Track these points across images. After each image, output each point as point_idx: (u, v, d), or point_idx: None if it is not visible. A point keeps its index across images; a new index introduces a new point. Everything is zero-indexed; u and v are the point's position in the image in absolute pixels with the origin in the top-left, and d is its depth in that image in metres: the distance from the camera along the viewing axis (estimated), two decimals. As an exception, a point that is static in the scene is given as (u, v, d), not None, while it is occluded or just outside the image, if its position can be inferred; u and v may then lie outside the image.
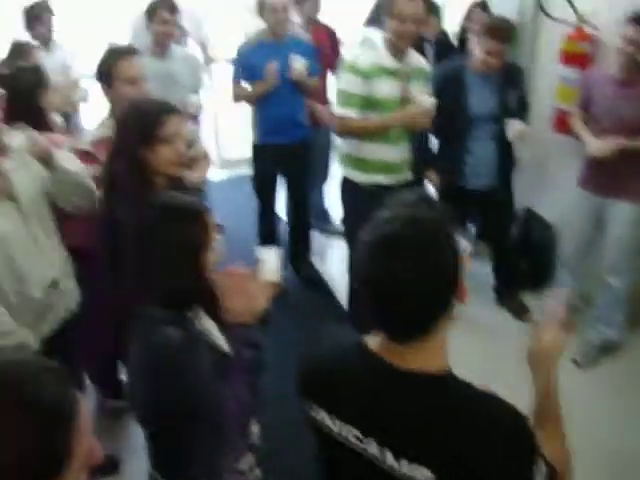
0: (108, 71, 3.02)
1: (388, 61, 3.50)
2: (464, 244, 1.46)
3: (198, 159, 3.36)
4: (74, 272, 2.90)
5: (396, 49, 3.49)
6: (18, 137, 2.59)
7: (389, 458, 1.40)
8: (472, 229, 4.99)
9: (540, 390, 1.63)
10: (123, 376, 3.70)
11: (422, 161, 4.10)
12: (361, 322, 1.52)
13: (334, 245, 5.33)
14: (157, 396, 1.77)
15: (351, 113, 3.54)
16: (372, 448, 1.43)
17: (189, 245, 1.89)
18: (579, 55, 4.00)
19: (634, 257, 3.85)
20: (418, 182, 4.11)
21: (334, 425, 1.49)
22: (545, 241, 4.57)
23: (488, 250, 4.58)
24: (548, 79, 4.34)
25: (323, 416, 1.52)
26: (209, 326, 2.01)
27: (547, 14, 4.29)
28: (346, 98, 3.54)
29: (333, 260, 5.19)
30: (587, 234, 3.98)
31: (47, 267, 2.70)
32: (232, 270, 2.06)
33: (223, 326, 2.05)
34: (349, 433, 1.46)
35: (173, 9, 4.09)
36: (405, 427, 1.39)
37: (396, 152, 3.68)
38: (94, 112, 4.30)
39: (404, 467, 1.38)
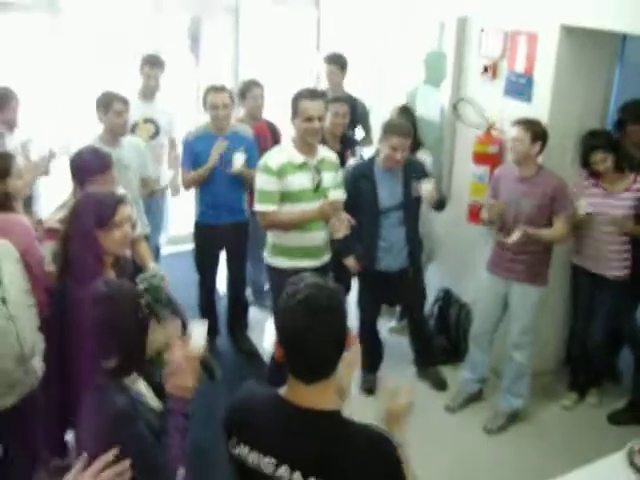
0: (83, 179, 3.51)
1: (296, 157, 3.97)
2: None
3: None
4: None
5: (303, 145, 3.96)
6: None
7: (297, 479, 1.80)
8: (397, 309, 5.43)
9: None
10: (69, 437, 3.95)
11: (341, 249, 4.49)
12: (275, 383, 1.99)
13: (270, 320, 5.67)
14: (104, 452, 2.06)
15: (270, 208, 3.99)
16: (284, 472, 1.82)
17: (134, 325, 2.29)
18: (488, 156, 4.56)
19: (534, 334, 4.32)
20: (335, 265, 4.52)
21: (253, 456, 1.87)
22: (460, 320, 5.04)
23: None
24: (464, 177, 4.89)
25: (244, 450, 1.89)
26: (143, 389, 2.41)
27: (460, 118, 4.88)
28: (264, 196, 3.98)
29: (269, 334, 5.52)
30: (495, 313, 4.43)
31: (17, 343, 3.02)
32: (178, 347, 2.39)
33: (155, 388, 2.45)
34: (265, 462, 1.85)
35: (126, 102, 4.51)
36: (309, 453, 1.81)
37: (315, 238, 4.11)
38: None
39: None
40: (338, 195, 4.07)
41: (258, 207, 4.03)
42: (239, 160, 4.64)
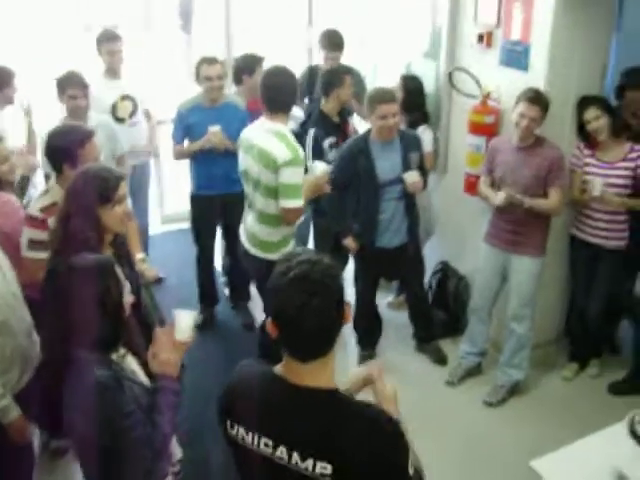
0: (74, 153, 3.36)
1: None
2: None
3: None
4: None
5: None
6: None
7: (296, 459, 1.74)
8: (394, 283, 5.39)
9: None
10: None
11: (339, 229, 4.48)
12: (268, 357, 1.94)
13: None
14: (89, 427, 2.09)
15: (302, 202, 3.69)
16: (282, 453, 1.76)
17: (107, 298, 2.24)
18: (484, 126, 4.49)
19: (533, 305, 4.28)
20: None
21: (250, 438, 1.81)
22: (458, 292, 5.00)
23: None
24: (460, 147, 4.82)
25: (240, 431, 1.84)
26: (133, 366, 2.40)
27: (455, 88, 4.81)
28: (299, 191, 3.63)
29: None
30: (494, 285, 4.39)
31: (23, 317, 3.00)
32: (163, 330, 2.42)
33: (145, 365, 2.42)
34: (262, 443, 1.79)
35: (83, 86, 4.41)
36: (307, 432, 1.75)
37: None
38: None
39: (309, 465, 1.73)
40: (321, 169, 3.90)
41: (296, 204, 3.65)
42: (214, 130, 4.64)
